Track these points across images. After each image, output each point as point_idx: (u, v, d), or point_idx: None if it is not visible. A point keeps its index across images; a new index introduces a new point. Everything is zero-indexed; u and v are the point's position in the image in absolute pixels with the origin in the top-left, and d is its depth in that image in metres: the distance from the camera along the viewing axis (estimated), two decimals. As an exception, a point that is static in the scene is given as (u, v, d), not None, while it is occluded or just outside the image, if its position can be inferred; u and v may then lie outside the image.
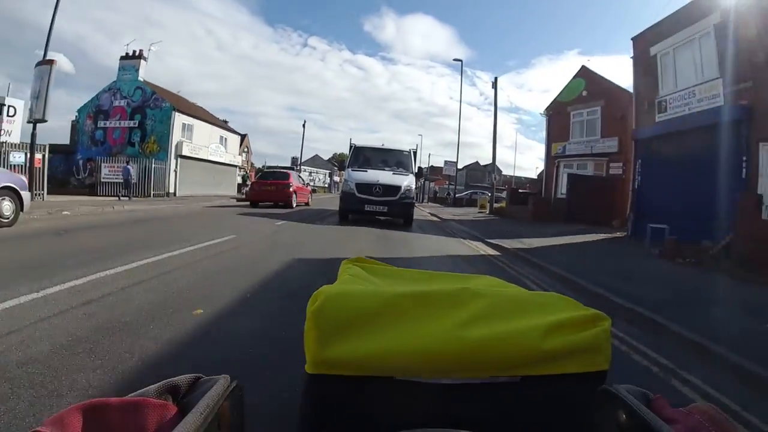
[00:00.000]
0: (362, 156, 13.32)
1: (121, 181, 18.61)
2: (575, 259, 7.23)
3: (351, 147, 14.08)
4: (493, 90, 21.50)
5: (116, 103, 25.29)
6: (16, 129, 15.39)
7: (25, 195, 7.57)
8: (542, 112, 20.96)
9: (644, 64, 12.56)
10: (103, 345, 2.60)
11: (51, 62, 14.21)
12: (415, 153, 14.39)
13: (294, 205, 17.63)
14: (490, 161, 23.23)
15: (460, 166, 39.45)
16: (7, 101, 15.31)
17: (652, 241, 8.95)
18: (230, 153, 31.62)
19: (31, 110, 14.42)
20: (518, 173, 64.24)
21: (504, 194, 23.58)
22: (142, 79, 25.23)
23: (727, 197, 8.19)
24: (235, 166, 33.34)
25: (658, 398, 0.49)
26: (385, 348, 0.60)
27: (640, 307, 4.21)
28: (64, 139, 28.22)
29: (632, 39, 13.22)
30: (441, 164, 43.94)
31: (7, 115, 15.14)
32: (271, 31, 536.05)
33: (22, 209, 7.52)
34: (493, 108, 21.97)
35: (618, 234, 12.11)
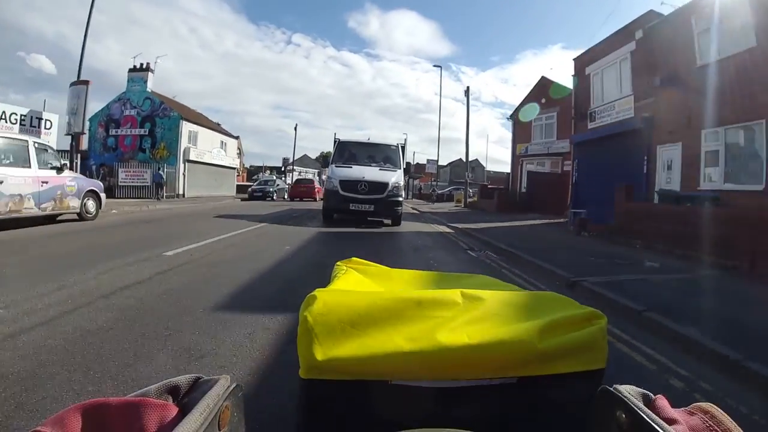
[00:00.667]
0: (347, 151, 12.57)
1: (148, 184, 22.05)
2: (505, 233, 10.03)
3: (335, 142, 13.14)
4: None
5: (126, 113, 27.72)
6: (52, 140, 17.79)
7: (102, 196, 10.17)
8: (508, 117, 23.86)
9: (581, 81, 15.45)
10: (240, 264, 5.32)
11: (86, 83, 16.75)
12: (403, 147, 13.40)
13: (318, 198, 25.79)
14: (474, 158, 26.16)
15: (444, 163, 42.17)
16: (45, 115, 17.75)
17: (572, 222, 11.79)
18: (229, 156, 34.20)
19: (69, 124, 16.95)
20: (505, 168, 67.35)
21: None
22: (150, 90, 27.68)
23: (602, 188, 11.07)
24: (234, 168, 35.95)
25: (659, 398, 0.48)
26: (379, 352, 0.60)
27: (518, 251, 7.04)
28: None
29: (573, 59, 16.09)
30: (425, 161, 46.63)
31: (45, 128, 17.58)
32: (255, 28, 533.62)
33: (100, 207, 10.13)
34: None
35: (561, 220, 14.95)
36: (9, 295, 3.51)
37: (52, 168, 8.39)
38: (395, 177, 11.34)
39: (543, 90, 21.63)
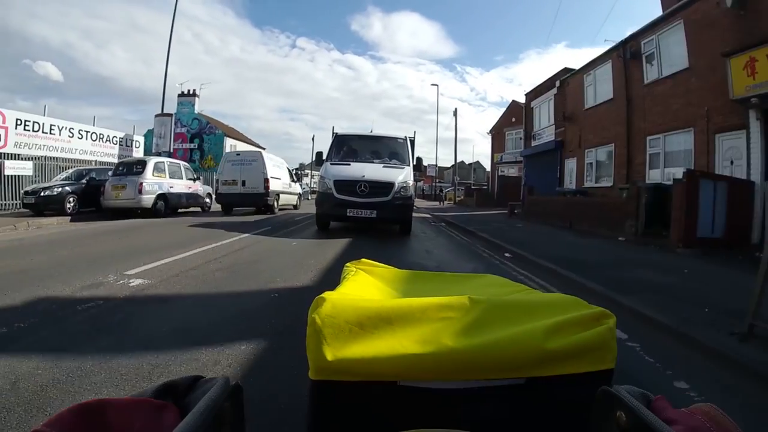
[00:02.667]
0: (346, 146, 10.64)
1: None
2: (464, 218, 15.81)
3: (333, 136, 10.98)
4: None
5: (178, 130, 34.04)
6: (140, 154, 23.98)
7: (212, 196, 16.30)
8: (488, 132, 29.82)
9: (528, 112, 21.40)
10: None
11: (170, 115, 22.99)
12: (412, 141, 11.26)
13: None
14: (479, 158, 32.15)
15: (448, 164, 47.97)
16: (135, 137, 23.94)
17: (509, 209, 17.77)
18: (259, 164, 40.64)
19: (157, 145, 23.20)
20: (506, 168, 73.44)
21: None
22: (197, 112, 34.04)
23: (543, 188, 16.95)
24: (262, 174, 42.38)
25: (659, 399, 0.49)
26: (387, 353, 0.60)
27: (460, 224, 12.98)
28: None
29: (525, 94, 22.03)
30: (431, 161, 52.64)
31: (135, 147, 23.70)
32: (259, 33, 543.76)
33: (212, 202, 16.26)
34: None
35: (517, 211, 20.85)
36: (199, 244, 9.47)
37: (192, 179, 14.54)
38: (403, 175, 9.15)
39: (514, 111, 27.51)
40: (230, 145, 34.01)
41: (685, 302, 4.02)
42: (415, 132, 11.84)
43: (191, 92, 34.56)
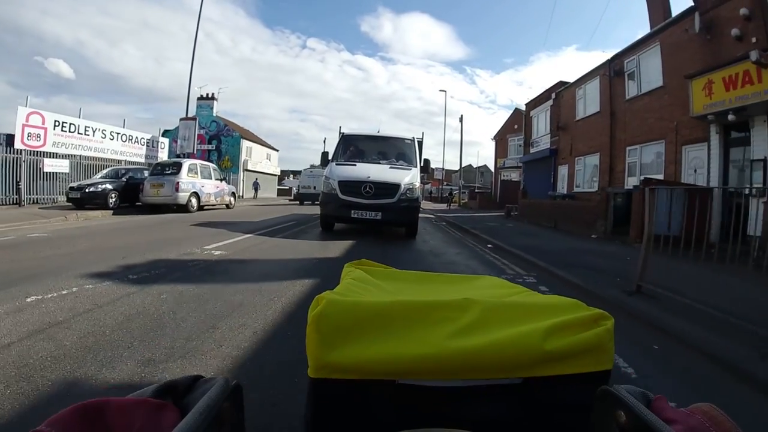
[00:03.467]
0: (353, 146, 10.58)
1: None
2: (464, 218, 17.31)
3: (340, 136, 11.03)
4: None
5: (197, 132, 35.90)
6: (164, 155, 25.76)
7: (234, 194, 17.94)
8: (492, 138, 31.29)
9: (527, 120, 22.86)
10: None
11: (194, 119, 24.70)
12: (420, 142, 11.27)
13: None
14: (487, 161, 33.80)
15: (456, 167, 49.49)
16: (160, 140, 25.72)
17: (506, 211, 19.22)
18: (272, 165, 42.31)
19: (181, 147, 24.93)
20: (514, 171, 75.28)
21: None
22: (215, 114, 35.82)
23: (539, 192, 18.41)
24: (276, 175, 44.08)
25: (659, 398, 0.49)
26: (386, 352, 0.61)
27: (459, 223, 14.50)
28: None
29: (525, 104, 23.48)
30: (439, 164, 54.08)
31: (161, 148, 25.48)
32: (270, 33, 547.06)
33: (234, 200, 17.90)
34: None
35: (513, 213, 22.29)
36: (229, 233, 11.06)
37: (219, 179, 16.18)
38: (409, 177, 9.20)
39: (517, 118, 28.95)
40: (246, 146, 35.79)
41: (606, 275, 5.53)
42: (423, 133, 11.91)
43: (210, 96, 36.35)
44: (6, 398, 1.90)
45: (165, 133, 36.70)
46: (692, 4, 11.76)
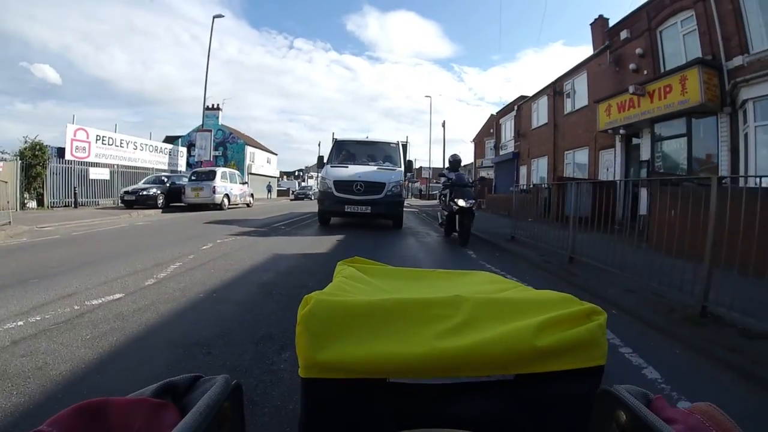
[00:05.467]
0: (345, 150, 12.01)
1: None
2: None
3: (333, 141, 12.69)
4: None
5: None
6: (182, 163, 29.36)
7: (252, 195, 21.61)
8: (471, 140, 35.15)
9: (497, 127, 26.71)
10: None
11: (210, 131, 28.31)
12: (404, 145, 12.95)
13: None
14: (473, 159, 37.61)
15: (444, 166, 53.41)
16: (180, 149, 29.30)
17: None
18: (272, 167, 45.98)
19: (199, 155, 28.54)
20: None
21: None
22: (221, 123, 39.40)
23: (506, 188, 22.23)
24: (276, 177, 47.76)
25: (658, 398, 0.49)
26: (377, 351, 0.61)
27: (435, 214, 18.27)
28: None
29: (496, 113, 27.32)
30: (427, 162, 57.79)
31: (180, 156, 29.09)
32: (257, 34, 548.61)
33: (252, 199, 21.58)
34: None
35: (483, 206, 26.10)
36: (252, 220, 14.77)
37: (242, 183, 19.85)
38: (394, 176, 10.78)
39: (491, 124, 32.79)
40: (250, 152, 39.45)
41: (505, 234, 9.29)
42: (407, 137, 15.32)
43: (216, 106, 39.91)
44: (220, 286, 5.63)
45: (173, 141, 40.61)
46: (607, 43, 15.62)
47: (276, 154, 49.99)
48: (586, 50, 16.89)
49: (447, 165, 9.58)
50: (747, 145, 9.59)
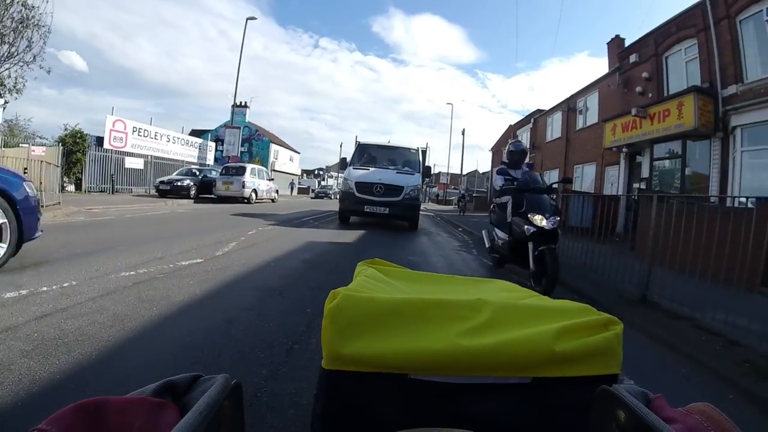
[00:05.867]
0: (367, 154, 12.66)
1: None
2: (458, 217, 22.14)
3: (356, 144, 13.50)
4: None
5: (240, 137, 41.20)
6: (211, 157, 30.90)
7: (277, 192, 22.95)
8: (489, 149, 36.12)
9: (513, 138, 27.70)
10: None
11: (239, 128, 29.83)
12: (424, 152, 13.59)
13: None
14: (490, 167, 38.60)
15: (464, 171, 54.60)
16: (208, 144, 30.85)
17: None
18: (294, 165, 47.55)
19: (227, 150, 30.07)
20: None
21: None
22: (248, 120, 41.02)
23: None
24: (297, 175, 49.31)
25: (658, 398, 0.50)
26: (400, 347, 0.63)
27: (446, 218, 19.40)
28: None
29: (512, 125, 28.26)
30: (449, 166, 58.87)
31: (209, 150, 30.64)
32: (283, 31, 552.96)
33: (277, 195, 22.93)
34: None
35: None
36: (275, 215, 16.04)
37: (269, 179, 21.22)
38: (412, 181, 11.29)
39: (509, 134, 33.73)
40: (274, 150, 41.04)
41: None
42: (427, 143, 15.45)
43: (243, 104, 41.60)
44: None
45: (202, 135, 42.35)
46: (617, 65, 16.59)
47: (299, 153, 51.61)
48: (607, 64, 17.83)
49: (505, 157, 6.81)
50: (734, 168, 10.57)
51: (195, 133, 41.05)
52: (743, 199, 5.94)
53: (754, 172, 10.19)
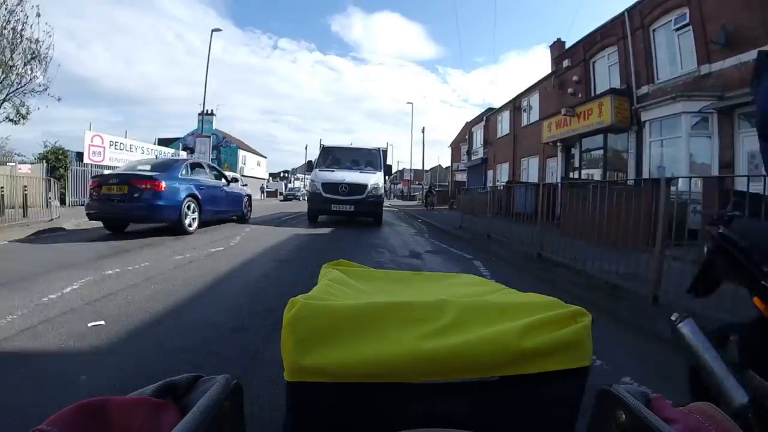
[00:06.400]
0: (331, 156, 13.38)
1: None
2: (421, 211, 24.09)
3: (321, 147, 14.19)
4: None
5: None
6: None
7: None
8: (448, 146, 38.35)
9: (470, 135, 29.92)
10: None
11: (209, 136, 30.95)
12: (385, 151, 14.35)
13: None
14: (450, 162, 40.76)
15: (428, 167, 56.76)
16: (181, 154, 31.81)
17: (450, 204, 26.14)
18: (262, 170, 48.68)
19: (198, 158, 31.13)
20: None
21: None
22: (215, 128, 41.98)
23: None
24: (265, 179, 50.42)
25: (658, 398, 0.49)
26: (362, 355, 0.61)
27: (405, 210, 21.33)
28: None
29: (466, 122, 30.49)
30: (414, 163, 61.03)
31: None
32: (241, 33, 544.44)
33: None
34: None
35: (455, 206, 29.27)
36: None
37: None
38: (375, 179, 11.98)
39: (466, 131, 36.01)
40: (242, 155, 42.14)
41: (454, 224, 12.34)
42: (388, 143, 18.07)
43: (210, 112, 42.53)
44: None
45: (169, 144, 43.02)
46: (553, 69, 18.84)
47: (265, 157, 52.69)
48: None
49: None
50: (646, 155, 12.80)
51: (162, 141, 41.52)
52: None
53: (660, 158, 12.42)
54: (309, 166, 13.78)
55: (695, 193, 5.36)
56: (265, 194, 44.60)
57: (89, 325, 2.99)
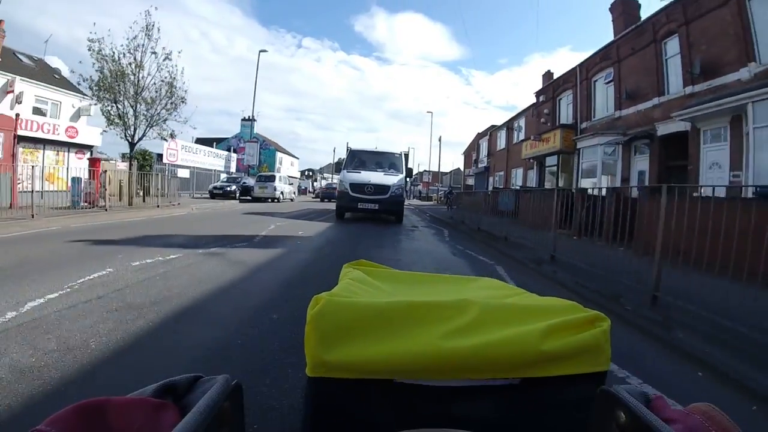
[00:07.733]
0: (357, 158, 14.44)
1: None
2: (434, 209, 29.28)
3: (347, 150, 15.78)
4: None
5: (241, 145, 48.10)
6: (233, 166, 37.82)
7: (294, 193, 30.13)
8: (462, 152, 43.49)
9: (477, 145, 35.08)
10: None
11: (257, 141, 36.89)
12: (406, 155, 15.47)
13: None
14: (462, 168, 45.79)
15: (448, 169, 61.75)
16: (231, 155, 37.75)
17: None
18: (295, 169, 54.67)
19: (248, 160, 37.07)
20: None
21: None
22: (256, 132, 47.94)
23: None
24: (297, 177, 56.42)
25: (658, 398, 0.49)
26: (384, 352, 0.62)
27: (422, 209, 26.66)
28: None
29: (477, 134, 35.64)
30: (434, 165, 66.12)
31: (231, 161, 37.49)
32: (266, 32, 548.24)
33: (295, 196, 30.10)
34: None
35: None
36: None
37: (289, 184, 28.33)
38: (397, 180, 13.02)
39: (476, 140, 41.09)
40: (279, 157, 48.10)
41: (448, 218, 17.60)
42: (409, 147, 21.42)
43: (251, 117, 48.58)
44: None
45: (211, 143, 49.26)
46: (534, 101, 23.93)
47: (298, 158, 58.71)
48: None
49: None
50: (580, 171, 17.87)
51: (200, 141, 46.87)
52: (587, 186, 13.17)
53: (588, 173, 17.40)
54: (338, 167, 16.66)
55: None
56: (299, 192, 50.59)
57: (299, 233, 8.38)
